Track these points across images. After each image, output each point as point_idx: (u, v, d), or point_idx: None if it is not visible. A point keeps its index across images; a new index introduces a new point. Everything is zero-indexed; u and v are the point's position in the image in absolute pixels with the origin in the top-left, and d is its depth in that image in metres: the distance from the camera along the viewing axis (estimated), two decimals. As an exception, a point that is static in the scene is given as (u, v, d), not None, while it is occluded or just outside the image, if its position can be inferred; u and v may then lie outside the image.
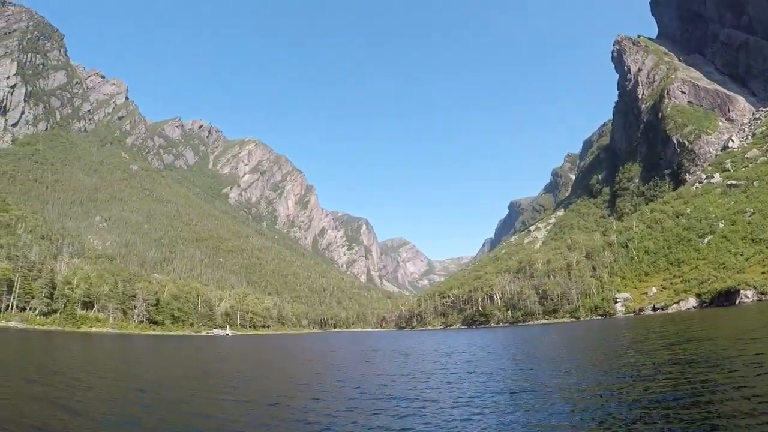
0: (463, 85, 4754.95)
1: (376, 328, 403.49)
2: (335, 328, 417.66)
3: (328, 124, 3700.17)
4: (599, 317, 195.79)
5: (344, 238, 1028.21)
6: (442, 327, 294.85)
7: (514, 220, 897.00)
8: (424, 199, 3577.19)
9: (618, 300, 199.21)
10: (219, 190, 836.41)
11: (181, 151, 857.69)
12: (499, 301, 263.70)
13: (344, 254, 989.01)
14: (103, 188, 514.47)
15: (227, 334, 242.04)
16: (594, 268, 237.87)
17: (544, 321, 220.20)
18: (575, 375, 37.58)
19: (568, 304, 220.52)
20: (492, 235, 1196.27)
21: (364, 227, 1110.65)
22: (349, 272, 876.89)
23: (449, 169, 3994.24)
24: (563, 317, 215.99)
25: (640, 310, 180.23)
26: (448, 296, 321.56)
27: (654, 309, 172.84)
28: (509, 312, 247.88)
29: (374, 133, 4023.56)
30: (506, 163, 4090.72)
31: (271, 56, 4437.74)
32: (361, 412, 28.11)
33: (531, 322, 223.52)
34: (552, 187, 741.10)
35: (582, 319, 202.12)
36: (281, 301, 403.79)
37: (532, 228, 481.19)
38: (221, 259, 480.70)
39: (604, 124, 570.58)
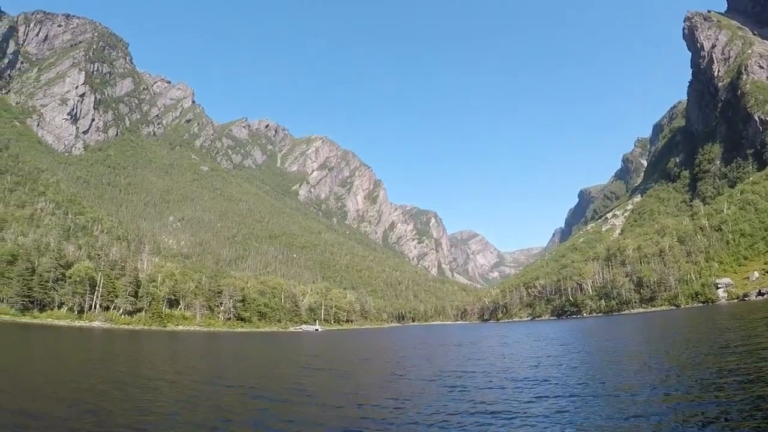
0: (527, 77, 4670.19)
1: (457, 320, 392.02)
2: (414, 321, 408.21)
3: (394, 120, 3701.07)
4: (700, 304, 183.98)
5: (414, 232, 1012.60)
6: (529, 318, 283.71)
7: (584, 209, 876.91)
8: (492, 191, 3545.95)
9: (719, 285, 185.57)
10: (288, 187, 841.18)
11: (249, 151, 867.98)
12: (590, 290, 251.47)
13: (414, 248, 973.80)
14: (174, 189, 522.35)
15: (316, 330, 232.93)
16: (688, 253, 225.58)
17: (641, 309, 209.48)
18: None
19: (666, 291, 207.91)
20: (562, 224, 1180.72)
21: (433, 220, 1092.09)
22: (420, 265, 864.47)
23: (517, 160, 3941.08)
24: (661, 305, 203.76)
25: (745, 295, 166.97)
26: (535, 286, 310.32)
27: (760, 294, 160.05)
28: (602, 301, 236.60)
29: (441, 128, 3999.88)
30: (574, 152, 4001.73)
31: (335, 55, 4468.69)
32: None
33: (627, 311, 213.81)
34: (623, 174, 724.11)
35: (682, 306, 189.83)
36: (361, 295, 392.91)
37: (608, 215, 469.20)
38: (295, 256, 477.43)
39: (674, 106, 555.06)
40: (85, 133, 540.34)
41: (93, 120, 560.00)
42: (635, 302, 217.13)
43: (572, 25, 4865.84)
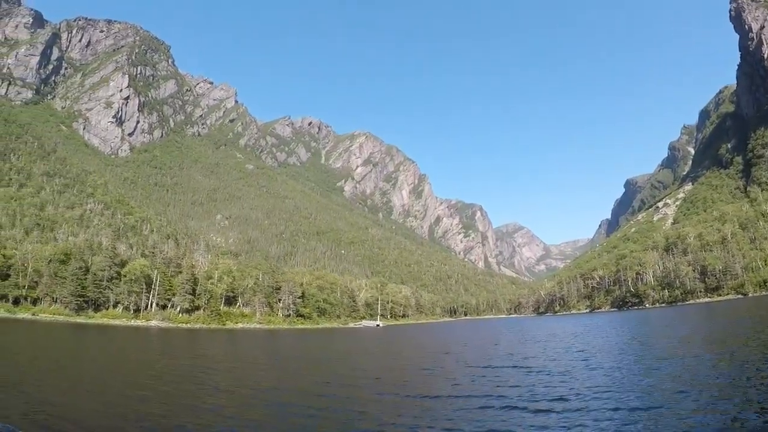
0: (568, 68, 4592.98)
1: (511, 314, 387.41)
2: (466, 315, 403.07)
3: (437, 114, 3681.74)
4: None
5: (460, 226, 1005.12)
6: (588, 310, 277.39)
7: (631, 199, 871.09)
8: (537, 183, 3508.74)
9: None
10: (333, 184, 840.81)
11: (293, 149, 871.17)
12: (652, 280, 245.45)
13: (461, 241, 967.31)
14: (221, 188, 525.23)
15: (377, 325, 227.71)
16: (751, 240, 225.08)
17: (706, 299, 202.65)
18: None
19: (732, 279, 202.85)
20: (608, 215, 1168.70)
21: (478, 213, 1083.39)
22: (466, 259, 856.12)
23: (560, 151, 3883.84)
24: (728, 294, 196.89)
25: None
26: (593, 277, 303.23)
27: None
28: (665, 291, 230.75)
29: (482, 122, 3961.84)
30: (618, 142, 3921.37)
31: (380, 51, 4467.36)
32: None
33: (692, 301, 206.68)
34: (670, 162, 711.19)
35: (750, 294, 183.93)
36: (414, 290, 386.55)
37: (659, 204, 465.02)
38: (343, 251, 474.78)
39: (721, 91, 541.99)
40: (130, 135, 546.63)
41: (138, 122, 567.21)
42: (700, 291, 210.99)
43: (613, 14, 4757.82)
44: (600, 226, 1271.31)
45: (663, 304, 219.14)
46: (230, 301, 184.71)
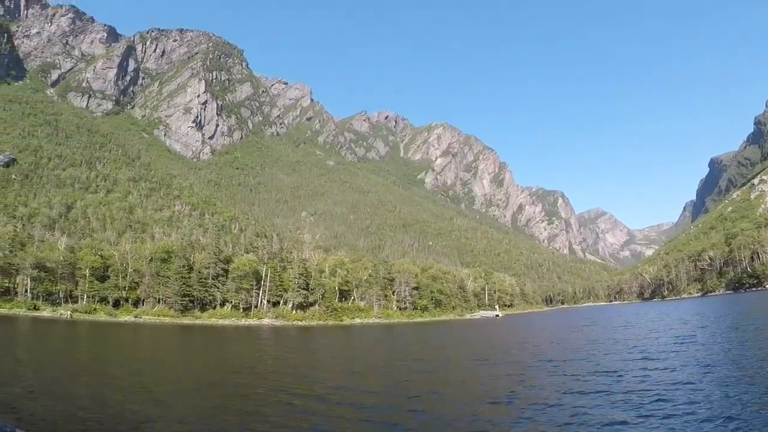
0: (649, 41, 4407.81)
1: (612, 301, 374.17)
2: (563, 304, 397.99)
3: (510, 100, 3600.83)
4: None
5: (542, 213, 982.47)
6: (699, 294, 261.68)
7: (716, 179, 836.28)
8: (615, 166, 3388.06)
9: None
10: (414, 176, 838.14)
11: (371, 143, 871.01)
12: None
13: (544, 229, 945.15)
14: (303, 185, 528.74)
15: (497, 315, 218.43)
16: None
17: None
18: None
19: None
20: (691, 197, 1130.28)
21: (560, 200, 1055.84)
22: (551, 247, 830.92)
23: (638, 133, 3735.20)
24: None
25: None
26: (704, 259, 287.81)
27: None
28: None
29: (558, 104, 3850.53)
30: (698, 119, 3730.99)
31: (450, 41, 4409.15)
32: None
33: None
34: (756, 138, 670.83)
35: None
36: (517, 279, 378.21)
37: (755, 181, 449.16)
38: (430, 243, 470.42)
39: None
40: (210, 138, 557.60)
41: (217, 125, 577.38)
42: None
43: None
44: (684, 208, 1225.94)
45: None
46: (343, 295, 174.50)
